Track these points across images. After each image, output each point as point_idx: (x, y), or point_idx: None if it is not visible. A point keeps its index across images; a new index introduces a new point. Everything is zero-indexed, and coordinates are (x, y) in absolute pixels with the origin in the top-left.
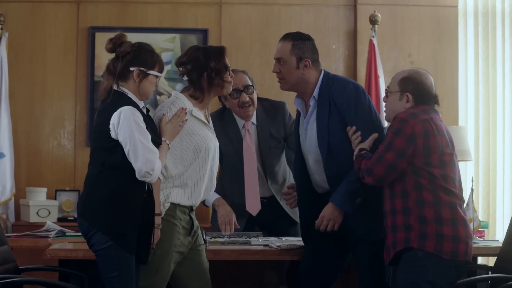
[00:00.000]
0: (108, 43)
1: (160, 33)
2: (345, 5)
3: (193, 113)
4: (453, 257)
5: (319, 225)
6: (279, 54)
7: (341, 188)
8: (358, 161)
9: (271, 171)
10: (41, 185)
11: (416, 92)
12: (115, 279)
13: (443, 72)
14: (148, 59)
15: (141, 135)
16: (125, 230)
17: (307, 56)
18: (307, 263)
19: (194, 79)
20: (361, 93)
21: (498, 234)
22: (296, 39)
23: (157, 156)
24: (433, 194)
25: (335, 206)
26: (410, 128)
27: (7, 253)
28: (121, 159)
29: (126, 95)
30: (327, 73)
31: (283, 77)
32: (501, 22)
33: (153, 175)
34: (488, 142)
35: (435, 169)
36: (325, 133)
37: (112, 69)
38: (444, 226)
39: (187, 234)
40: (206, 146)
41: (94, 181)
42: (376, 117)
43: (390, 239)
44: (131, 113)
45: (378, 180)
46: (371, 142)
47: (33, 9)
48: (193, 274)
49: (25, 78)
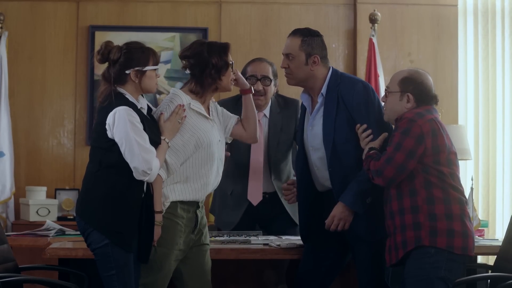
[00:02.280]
0: (97, 55)
1: (160, 32)
2: (345, 4)
3: (191, 106)
4: (464, 252)
5: (329, 224)
6: (288, 49)
7: (351, 188)
8: (367, 161)
9: (276, 166)
10: (41, 184)
11: (416, 92)
12: (113, 277)
13: (443, 71)
14: (140, 57)
15: (136, 135)
16: (122, 229)
17: (316, 52)
18: (307, 263)
19: (196, 74)
20: (370, 92)
21: (498, 233)
22: (305, 35)
23: (154, 155)
24: (443, 191)
25: (345, 205)
26: (418, 128)
27: (7, 252)
28: (118, 158)
29: (124, 95)
30: (336, 70)
31: (291, 72)
32: (501, 21)
33: (151, 174)
34: (487, 141)
35: (444, 168)
36: (331, 130)
37: (108, 76)
38: (454, 222)
39: (190, 232)
40: (208, 139)
41: (91, 180)
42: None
43: (399, 238)
44: (126, 113)
45: (388, 181)
46: (381, 142)
47: (32, 8)
48: (193, 274)
49: (24, 77)
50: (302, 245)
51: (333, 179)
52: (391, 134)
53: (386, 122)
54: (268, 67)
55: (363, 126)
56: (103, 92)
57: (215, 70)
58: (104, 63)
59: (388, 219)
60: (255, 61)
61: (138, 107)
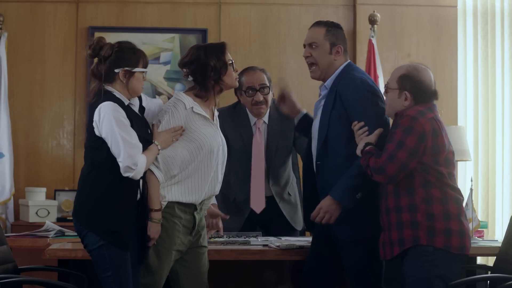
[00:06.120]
0: (88, 49)
1: (159, 33)
2: (345, 5)
3: (194, 109)
4: (461, 252)
5: (315, 216)
6: (312, 38)
7: (341, 182)
8: (366, 157)
9: (274, 171)
10: (40, 185)
11: (414, 90)
12: (109, 278)
13: (442, 72)
14: (131, 58)
15: (121, 130)
16: (116, 228)
17: (340, 43)
18: (312, 264)
19: (198, 79)
20: (366, 88)
21: (497, 234)
22: (329, 26)
23: (140, 151)
24: (441, 190)
25: (333, 199)
26: (420, 126)
27: (7, 253)
28: (106, 156)
29: (112, 93)
30: (350, 65)
31: (315, 61)
32: (500, 22)
33: (136, 170)
34: (487, 142)
35: (442, 168)
36: (325, 124)
37: (97, 72)
38: (452, 221)
39: (187, 233)
40: (209, 144)
41: (84, 181)
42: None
43: (395, 235)
44: (111, 108)
45: (390, 179)
46: (377, 137)
47: (32, 9)
48: (190, 276)
49: (24, 78)
50: (301, 246)
51: (318, 174)
52: (391, 131)
53: (383, 119)
54: (263, 75)
55: (360, 124)
56: (92, 90)
57: (215, 72)
58: (93, 58)
59: (383, 215)
60: (248, 71)
61: (126, 104)
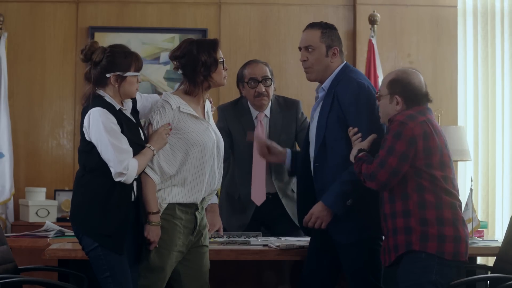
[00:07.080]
0: (80, 54)
1: (159, 33)
2: (344, 5)
3: (180, 109)
4: (454, 258)
5: (307, 221)
6: (308, 42)
7: (333, 188)
8: (358, 164)
9: (277, 166)
10: (40, 185)
11: (404, 93)
12: (108, 279)
13: (442, 72)
14: (122, 62)
15: (110, 136)
16: (110, 232)
17: (336, 44)
18: (310, 264)
19: (188, 74)
20: (363, 92)
21: (497, 234)
22: (324, 28)
23: (130, 155)
24: (435, 195)
25: (324, 205)
26: (409, 131)
27: (6, 253)
28: (98, 160)
29: (103, 98)
30: (347, 66)
31: (311, 65)
32: (500, 22)
33: (128, 174)
34: (487, 142)
35: (436, 171)
36: (323, 127)
37: (89, 77)
38: (446, 226)
39: (189, 234)
40: (201, 140)
41: (78, 184)
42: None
43: (392, 242)
44: (100, 114)
45: (382, 185)
46: (369, 143)
47: (32, 9)
48: (191, 275)
49: (24, 78)
50: (301, 246)
51: (316, 176)
52: (384, 137)
53: (379, 124)
54: (266, 68)
55: (354, 130)
56: (85, 94)
57: (205, 68)
58: (85, 62)
59: (382, 221)
60: (251, 63)
61: (117, 108)
